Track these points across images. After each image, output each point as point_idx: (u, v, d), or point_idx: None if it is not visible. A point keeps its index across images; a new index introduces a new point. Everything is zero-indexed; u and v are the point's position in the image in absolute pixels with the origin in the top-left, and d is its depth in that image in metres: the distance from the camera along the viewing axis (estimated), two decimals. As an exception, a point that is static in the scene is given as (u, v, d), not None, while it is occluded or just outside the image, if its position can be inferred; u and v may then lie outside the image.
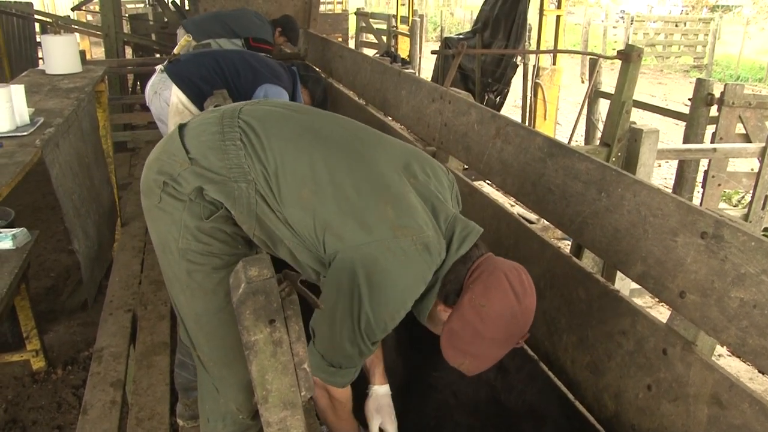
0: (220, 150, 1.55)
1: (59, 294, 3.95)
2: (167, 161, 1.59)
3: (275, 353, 1.16)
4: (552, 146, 2.14)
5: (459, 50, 5.40)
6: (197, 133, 1.61)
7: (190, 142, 1.59)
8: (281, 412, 1.20)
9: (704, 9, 25.89)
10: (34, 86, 3.65)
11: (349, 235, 1.47)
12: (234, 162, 1.53)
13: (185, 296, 1.67)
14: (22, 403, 3.01)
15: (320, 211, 1.49)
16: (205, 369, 1.77)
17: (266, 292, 1.15)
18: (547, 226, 4.05)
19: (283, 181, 1.52)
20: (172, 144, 1.61)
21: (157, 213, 1.63)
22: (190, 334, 1.75)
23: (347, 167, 1.55)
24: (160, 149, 1.66)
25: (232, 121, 1.60)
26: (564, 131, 9.62)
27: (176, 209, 1.58)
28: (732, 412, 1.40)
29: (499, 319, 1.48)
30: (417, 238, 1.47)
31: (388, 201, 1.50)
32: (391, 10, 15.36)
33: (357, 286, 1.44)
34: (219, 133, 1.57)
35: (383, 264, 1.44)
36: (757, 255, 1.35)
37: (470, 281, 1.50)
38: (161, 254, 1.68)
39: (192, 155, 1.56)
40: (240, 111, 1.64)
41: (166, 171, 1.58)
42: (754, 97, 4.65)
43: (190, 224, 1.58)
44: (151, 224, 1.68)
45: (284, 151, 1.55)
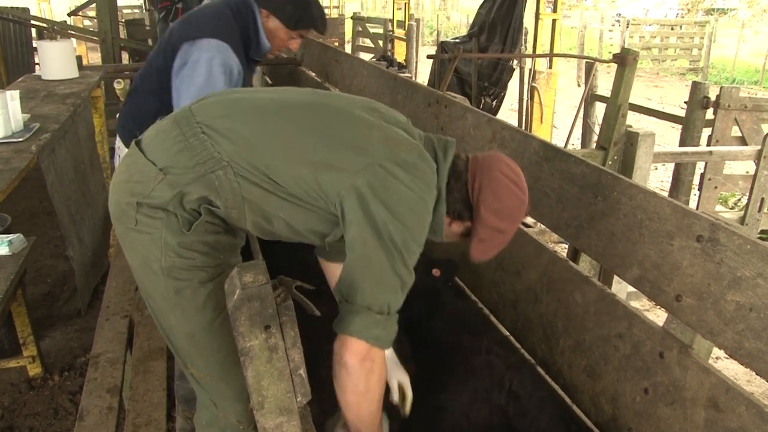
0: (187, 149, 1.53)
1: (56, 300, 3.94)
2: (138, 181, 1.55)
3: (271, 359, 1.16)
4: (548, 150, 2.14)
5: (455, 54, 5.42)
6: (158, 143, 1.58)
7: (155, 155, 1.56)
8: (277, 418, 1.20)
9: (700, 12, 25.98)
10: (30, 92, 3.65)
11: (348, 164, 1.48)
12: (204, 155, 1.52)
13: (175, 316, 1.63)
14: (19, 410, 3.00)
15: (312, 157, 1.50)
16: (201, 385, 1.75)
17: (261, 298, 1.14)
18: (543, 230, 4.05)
19: (263, 149, 1.52)
20: (138, 162, 1.57)
21: (134, 236, 1.59)
22: (182, 353, 1.72)
23: (321, 115, 1.59)
24: (125, 172, 1.60)
25: (187, 119, 1.58)
26: (560, 135, 9.62)
27: (154, 228, 1.55)
28: (729, 416, 1.40)
29: (514, 211, 1.62)
30: (410, 148, 1.54)
31: (371, 127, 1.57)
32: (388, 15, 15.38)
33: (377, 210, 1.45)
34: (180, 134, 1.55)
35: (392, 178, 1.47)
36: (753, 258, 1.35)
37: (477, 193, 1.58)
38: (143, 277, 1.63)
39: (162, 166, 1.53)
40: (191, 109, 1.63)
41: (138, 191, 1.55)
42: (750, 99, 4.67)
43: (171, 241, 1.55)
44: (129, 248, 1.63)
45: (252, 123, 1.56)
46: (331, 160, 1.49)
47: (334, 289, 1.55)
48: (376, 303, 1.47)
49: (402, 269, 1.49)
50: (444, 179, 1.60)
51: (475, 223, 1.60)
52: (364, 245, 1.46)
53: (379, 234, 1.45)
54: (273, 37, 2.53)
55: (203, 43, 2.34)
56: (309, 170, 1.49)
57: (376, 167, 1.47)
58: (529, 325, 2.18)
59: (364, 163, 1.48)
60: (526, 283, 2.20)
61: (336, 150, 1.50)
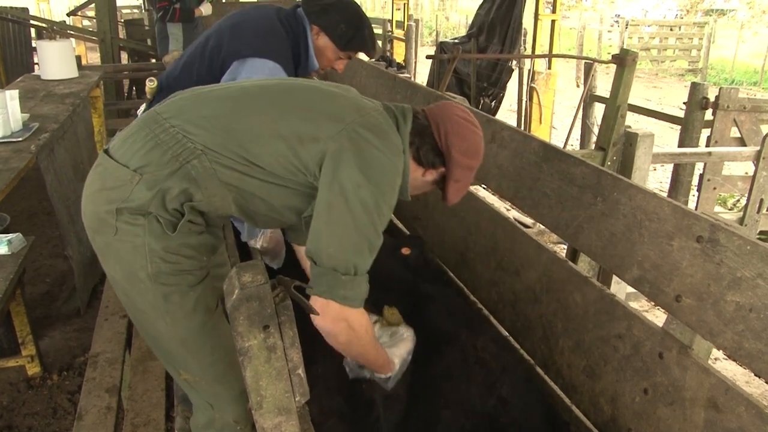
0: (158, 146, 1.54)
1: (55, 299, 3.94)
2: (114, 187, 1.54)
3: (269, 359, 1.16)
4: (547, 150, 2.14)
5: (454, 55, 5.42)
6: (128, 146, 1.58)
7: (126, 158, 1.55)
8: (276, 418, 1.20)
9: (699, 13, 26.00)
10: (29, 92, 3.65)
11: (323, 131, 1.54)
12: (176, 147, 1.52)
13: (166, 322, 1.63)
14: (18, 409, 2.99)
15: (288, 131, 1.55)
16: (196, 389, 1.75)
17: (260, 298, 1.14)
18: (542, 231, 4.05)
19: (237, 131, 1.55)
20: (109, 169, 1.56)
21: (116, 246, 1.57)
22: (174, 360, 1.72)
23: (292, 93, 1.67)
24: (98, 181, 1.58)
25: (154, 118, 1.59)
26: (559, 135, 9.63)
27: (136, 235, 1.54)
28: (728, 416, 1.40)
29: (478, 148, 1.76)
30: (377, 113, 1.63)
31: (340, 98, 1.67)
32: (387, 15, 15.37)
33: (350, 173, 1.50)
34: (149, 133, 1.56)
35: (364, 142, 1.54)
36: (752, 259, 1.35)
37: (445, 139, 1.70)
38: (128, 287, 1.62)
39: (135, 167, 1.53)
40: (156, 110, 1.64)
41: (116, 197, 1.53)
42: (749, 100, 4.67)
43: (155, 246, 1.55)
44: (111, 259, 1.61)
45: (224, 108, 1.60)
46: (307, 131, 1.54)
47: (305, 252, 1.58)
48: (341, 265, 1.51)
49: (370, 231, 1.53)
50: (406, 141, 1.68)
51: (449, 165, 1.72)
52: (329, 207, 1.51)
53: (346, 197, 1.49)
54: (320, 55, 2.42)
55: (255, 63, 2.23)
56: (286, 145, 1.53)
57: (349, 132, 1.54)
58: (529, 325, 2.18)
59: (337, 129, 1.54)
60: (526, 283, 2.20)
61: (311, 121, 1.56)
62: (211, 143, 1.53)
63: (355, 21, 2.38)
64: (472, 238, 2.60)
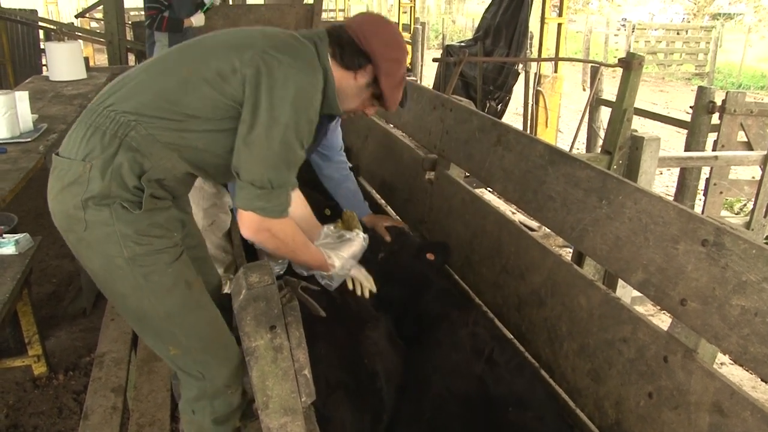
0: (97, 131, 1.61)
1: (61, 300, 3.96)
2: (72, 182, 1.61)
3: (276, 359, 1.16)
4: (553, 154, 2.14)
5: (460, 58, 5.43)
6: (71, 142, 1.66)
7: (73, 152, 1.63)
8: (281, 418, 1.20)
9: (706, 17, 25.93)
10: (37, 93, 3.67)
11: (238, 61, 1.62)
12: (112, 126, 1.61)
13: (150, 301, 1.70)
14: (24, 409, 3.00)
15: (209, 72, 1.63)
16: (185, 362, 1.83)
17: (267, 298, 1.15)
18: (548, 234, 4.05)
19: (167, 88, 1.64)
20: (62, 168, 1.64)
21: (88, 239, 1.65)
22: (162, 337, 1.79)
23: (202, 42, 1.76)
24: (57, 182, 1.65)
25: (89, 110, 1.68)
26: (565, 139, 9.63)
27: (106, 224, 1.61)
28: (733, 421, 1.40)
29: (398, 38, 1.88)
30: (286, 36, 1.73)
31: (251, 31, 1.75)
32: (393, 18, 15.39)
33: (265, 93, 1.59)
34: (86, 123, 1.64)
35: (276, 62, 1.62)
36: (758, 263, 1.35)
37: (364, 38, 1.80)
38: (107, 276, 1.69)
39: (83, 156, 1.60)
40: (89, 104, 1.73)
41: (77, 191, 1.60)
42: (756, 104, 4.66)
43: (126, 231, 1.62)
44: (87, 254, 1.69)
45: (151, 72, 1.71)
46: (226, 67, 1.62)
47: (231, 167, 1.66)
48: (257, 179, 1.62)
49: (284, 147, 1.62)
50: (326, 57, 1.77)
51: (376, 61, 1.81)
52: (247, 126, 1.60)
53: (261, 115, 1.59)
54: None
55: None
56: (211, 86, 1.62)
57: (261, 54, 1.62)
58: (534, 328, 2.18)
59: (250, 55, 1.62)
60: (531, 286, 2.20)
61: (226, 57, 1.64)
62: (143, 109, 1.61)
63: None
64: (477, 241, 2.60)
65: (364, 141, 3.93)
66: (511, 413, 1.84)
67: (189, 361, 1.82)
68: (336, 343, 1.97)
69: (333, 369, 1.89)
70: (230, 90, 1.61)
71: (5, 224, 2.96)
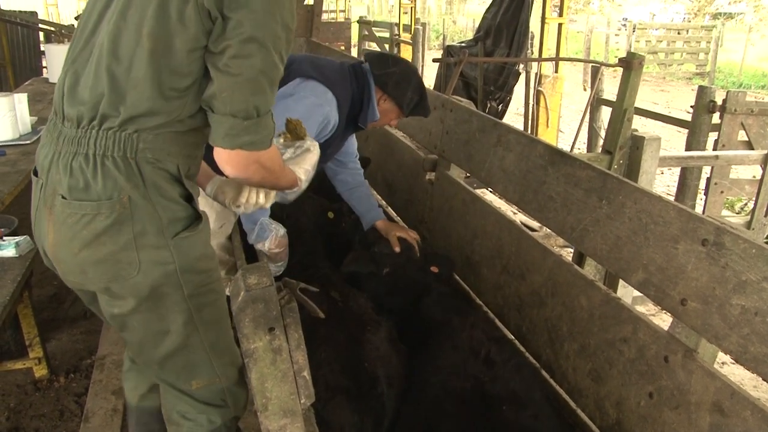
0: (105, 159, 1.42)
1: (62, 302, 3.96)
2: (112, 225, 1.42)
3: (275, 361, 1.16)
4: (553, 154, 2.14)
5: (461, 58, 5.43)
6: (75, 180, 1.43)
7: (92, 192, 1.42)
8: (281, 420, 1.20)
9: (706, 16, 25.93)
10: (37, 95, 3.68)
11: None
12: (116, 149, 1.41)
13: (198, 335, 1.55)
14: (25, 411, 3.00)
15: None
16: (204, 397, 1.71)
17: (265, 300, 1.15)
18: (548, 234, 4.05)
19: (123, 78, 1.40)
20: (83, 212, 1.42)
21: (140, 284, 1.47)
22: (192, 370, 1.65)
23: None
24: (85, 234, 1.43)
25: (67, 132, 1.46)
26: (566, 139, 9.62)
27: (166, 263, 1.46)
28: (734, 420, 1.40)
29: None
30: None
31: None
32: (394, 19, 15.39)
33: (239, 7, 1.36)
34: (80, 154, 1.43)
35: None
36: (758, 262, 1.35)
37: None
38: (152, 317, 1.53)
39: (110, 194, 1.41)
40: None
41: (124, 231, 1.42)
42: (757, 104, 4.65)
43: (186, 264, 1.48)
44: (130, 300, 1.50)
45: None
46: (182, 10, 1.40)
47: (202, 102, 1.46)
48: (241, 109, 1.41)
49: (267, 65, 1.42)
50: None
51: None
52: (223, 49, 1.38)
53: (238, 37, 1.37)
54: (383, 115, 2.58)
55: (317, 87, 2.35)
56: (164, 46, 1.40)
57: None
58: (534, 328, 2.18)
59: None
60: (531, 286, 2.20)
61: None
62: (132, 110, 1.41)
63: (420, 90, 2.54)
64: (477, 241, 2.60)
65: (364, 141, 3.93)
66: (507, 412, 1.84)
67: (214, 390, 1.71)
68: (337, 347, 1.96)
69: (334, 373, 1.88)
70: (193, 31, 1.38)
71: (5, 227, 2.96)
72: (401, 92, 2.51)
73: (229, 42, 1.37)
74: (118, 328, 1.61)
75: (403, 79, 2.52)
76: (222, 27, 1.37)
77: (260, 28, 1.38)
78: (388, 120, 2.64)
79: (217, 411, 1.76)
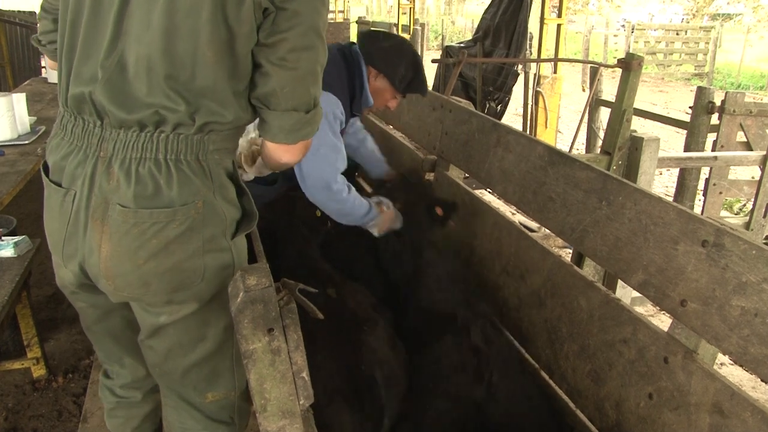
0: (178, 163, 1.36)
1: (60, 302, 3.95)
2: (185, 231, 1.36)
3: (273, 362, 1.16)
4: (553, 155, 2.14)
5: (460, 59, 5.42)
6: (150, 187, 1.34)
7: (164, 199, 1.34)
8: (279, 421, 1.20)
9: (705, 17, 25.96)
10: (36, 95, 3.67)
11: None
12: (190, 152, 1.36)
13: (234, 340, 1.53)
14: (23, 411, 3.00)
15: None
16: (214, 413, 1.68)
17: (264, 301, 1.14)
18: (548, 235, 4.05)
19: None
20: (156, 220, 1.34)
21: (201, 291, 1.43)
22: (214, 380, 1.61)
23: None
24: (155, 243, 1.35)
25: (71, 127, 1.40)
26: (565, 139, 9.63)
27: (226, 266, 1.44)
28: (733, 421, 1.39)
29: None
30: None
31: None
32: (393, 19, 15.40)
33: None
34: (149, 160, 1.34)
35: None
36: (758, 263, 1.35)
37: None
38: (197, 323, 1.48)
39: (185, 200, 1.35)
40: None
41: (195, 238, 1.37)
42: (755, 105, 4.66)
43: (241, 260, 1.47)
44: (186, 309, 1.45)
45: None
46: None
47: (252, 99, 1.41)
48: (302, 102, 1.38)
49: (324, 55, 1.38)
50: None
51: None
52: (277, 48, 1.33)
53: (285, 27, 1.31)
54: (377, 96, 2.45)
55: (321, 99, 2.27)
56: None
57: None
58: (533, 329, 2.18)
59: None
60: (531, 287, 2.20)
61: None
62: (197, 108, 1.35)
63: (415, 64, 2.41)
64: (476, 242, 2.59)
65: (363, 142, 3.93)
66: None
67: (226, 406, 1.67)
68: (334, 349, 1.94)
69: (332, 377, 1.87)
70: (248, 29, 1.31)
71: (4, 227, 2.96)
72: (392, 67, 2.38)
73: (284, 35, 1.31)
74: (148, 335, 1.54)
75: (395, 53, 2.39)
76: (273, 19, 1.31)
77: (316, 16, 1.33)
78: (384, 101, 2.49)
79: (221, 427, 1.72)
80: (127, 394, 1.91)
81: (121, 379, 1.89)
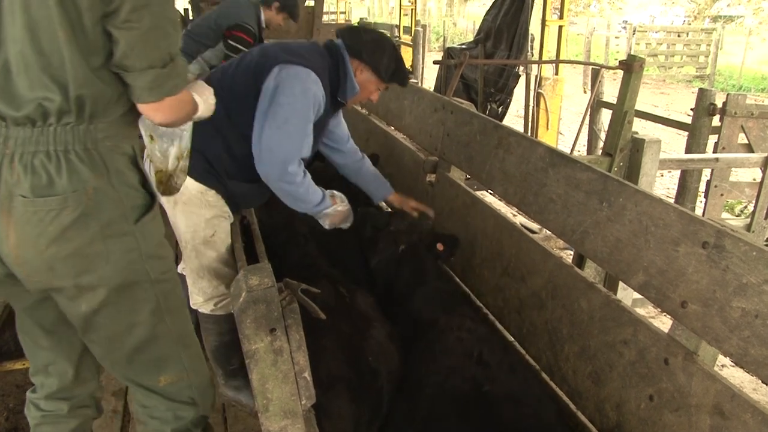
0: (66, 153, 1.43)
1: (62, 302, 3.95)
2: (78, 217, 1.44)
3: (276, 362, 1.16)
4: (554, 156, 2.14)
5: (461, 60, 5.43)
6: (38, 177, 1.42)
7: (56, 188, 1.42)
8: (281, 421, 1.20)
9: (706, 19, 25.94)
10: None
11: None
12: (77, 142, 1.44)
13: (165, 324, 1.65)
14: (24, 411, 3.00)
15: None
16: (172, 394, 1.76)
17: (267, 301, 1.15)
18: (549, 236, 4.05)
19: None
20: (48, 208, 1.42)
21: (108, 274, 1.51)
22: (160, 365, 1.71)
23: None
24: (51, 230, 1.43)
25: (21, 133, 1.43)
26: (566, 141, 9.62)
27: (130, 249, 1.53)
28: (734, 423, 1.40)
29: None
30: None
31: None
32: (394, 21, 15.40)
33: None
34: (42, 152, 1.42)
35: None
36: (758, 265, 1.35)
37: None
38: (121, 308, 1.57)
39: (74, 188, 1.43)
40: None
41: (90, 224, 1.45)
42: (757, 107, 4.66)
43: (149, 249, 1.56)
44: (100, 292, 1.53)
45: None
46: None
47: (113, 68, 1.44)
48: (157, 58, 1.42)
49: (164, 7, 1.42)
50: None
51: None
52: (119, 12, 1.36)
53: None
54: (362, 88, 2.51)
55: (299, 71, 2.28)
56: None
57: None
58: (534, 330, 2.18)
59: None
60: (532, 288, 2.20)
61: None
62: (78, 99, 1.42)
63: (396, 57, 2.50)
64: (478, 243, 2.60)
65: (365, 142, 3.93)
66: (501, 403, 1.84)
67: (182, 387, 1.75)
68: (341, 339, 1.98)
69: (337, 363, 1.90)
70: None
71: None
72: (377, 59, 2.45)
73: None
74: (83, 330, 1.62)
75: (378, 46, 2.47)
76: None
77: None
78: (369, 92, 2.56)
79: (184, 408, 1.80)
80: (52, 407, 1.95)
81: (46, 389, 1.95)
